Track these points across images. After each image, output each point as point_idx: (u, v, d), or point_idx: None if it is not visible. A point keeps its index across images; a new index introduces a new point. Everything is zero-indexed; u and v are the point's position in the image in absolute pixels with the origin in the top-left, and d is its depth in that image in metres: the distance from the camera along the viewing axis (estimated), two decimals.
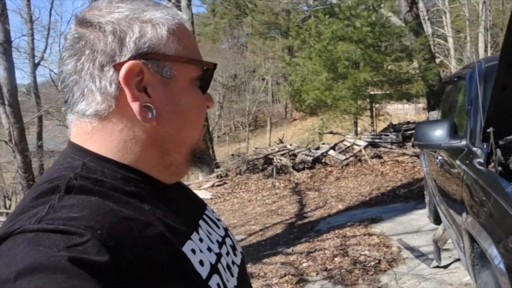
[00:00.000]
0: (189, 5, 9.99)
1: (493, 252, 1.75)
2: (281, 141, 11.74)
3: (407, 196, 7.03)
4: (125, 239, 0.57)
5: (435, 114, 5.06)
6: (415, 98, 11.34)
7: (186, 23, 0.73)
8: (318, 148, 10.14)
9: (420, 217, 5.68)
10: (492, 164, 2.20)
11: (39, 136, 18.83)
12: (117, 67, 0.64)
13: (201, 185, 10.05)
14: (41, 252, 0.50)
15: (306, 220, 6.73)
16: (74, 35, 0.66)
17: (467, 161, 2.54)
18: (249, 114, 29.53)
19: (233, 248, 0.82)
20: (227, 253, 0.78)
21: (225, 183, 9.96)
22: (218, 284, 0.68)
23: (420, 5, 17.92)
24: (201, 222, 0.77)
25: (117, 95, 0.65)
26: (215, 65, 0.73)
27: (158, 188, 0.70)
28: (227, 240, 0.82)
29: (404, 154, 9.30)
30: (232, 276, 0.75)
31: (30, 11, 18.35)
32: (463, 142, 2.69)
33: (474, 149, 2.54)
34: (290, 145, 10.89)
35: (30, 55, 19.10)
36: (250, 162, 10.14)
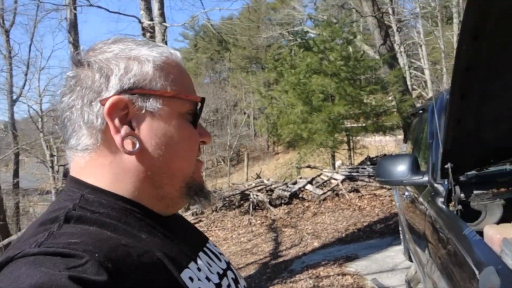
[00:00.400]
0: (163, 39, 9.95)
1: None
2: (258, 176, 11.54)
3: (384, 232, 6.84)
4: (123, 263, 0.58)
5: (405, 148, 4.95)
6: (392, 130, 11.34)
7: (178, 59, 0.76)
8: (295, 183, 9.95)
9: (395, 254, 5.49)
10: (453, 203, 2.04)
11: (16, 174, 18.35)
12: (103, 102, 0.67)
13: None
14: (42, 273, 0.51)
15: (280, 260, 6.47)
16: (69, 74, 0.70)
17: (429, 199, 2.38)
18: (230, 148, 29.33)
19: (236, 281, 0.82)
20: (228, 286, 0.78)
21: (200, 220, 9.66)
22: None
23: (396, 38, 18.29)
24: (201, 254, 0.78)
25: (103, 129, 0.68)
26: (202, 99, 0.74)
27: (155, 219, 0.71)
28: (229, 273, 0.82)
29: (382, 187, 9.16)
30: None
31: (9, 46, 18.23)
32: (425, 178, 2.54)
33: (436, 185, 2.39)
34: (267, 180, 10.69)
35: (8, 91, 18.82)
36: (227, 199, 9.88)
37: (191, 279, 0.68)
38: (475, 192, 2.04)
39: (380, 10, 11.50)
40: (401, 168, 2.63)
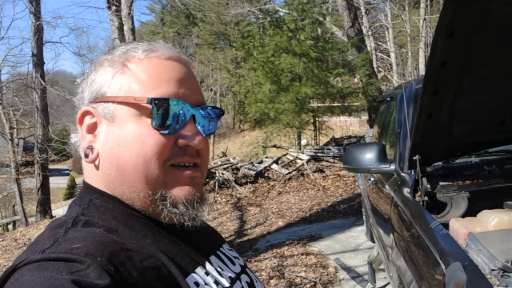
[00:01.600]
0: (129, 13, 9.64)
1: None
2: (224, 155, 11.50)
3: (347, 212, 7.01)
4: (125, 267, 0.59)
5: (371, 132, 5.03)
6: (357, 112, 11.49)
7: (155, 54, 0.72)
8: (261, 162, 10.00)
9: (358, 235, 5.64)
10: (419, 193, 2.09)
11: None
12: None
13: None
14: (46, 278, 0.53)
15: (245, 238, 6.54)
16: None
17: (396, 188, 2.43)
18: None
19: (250, 285, 0.80)
20: None
21: None
22: None
23: (364, 20, 18.39)
24: (212, 258, 0.77)
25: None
26: (151, 100, 0.69)
27: (161, 225, 0.71)
28: (243, 277, 0.80)
29: None
30: None
31: None
32: (392, 167, 2.58)
33: (403, 175, 2.44)
34: (233, 158, 10.69)
35: None
36: None
37: (196, 284, 0.67)
38: (441, 183, 2.09)
39: None
40: (368, 156, 2.67)
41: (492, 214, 1.67)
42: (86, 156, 0.71)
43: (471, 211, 1.82)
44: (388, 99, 3.68)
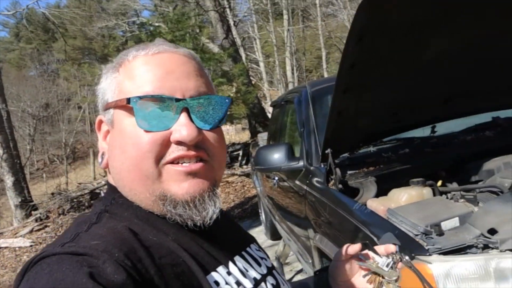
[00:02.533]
0: None
1: None
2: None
3: (242, 216, 7.24)
4: (142, 263, 0.59)
5: (265, 136, 5.32)
6: (239, 120, 11.87)
7: (148, 51, 0.72)
8: None
9: (257, 235, 5.87)
10: (332, 182, 2.34)
11: None
12: None
13: (17, 232, 8.77)
14: (63, 272, 0.53)
15: None
16: None
17: (307, 181, 2.66)
18: (66, 146, 27.23)
19: (276, 287, 0.80)
20: None
21: (46, 226, 8.88)
22: None
23: (234, 32, 19.07)
24: (237, 258, 0.77)
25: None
26: (129, 100, 0.69)
27: (184, 223, 0.70)
28: (269, 278, 0.80)
29: (233, 174, 9.60)
30: None
31: None
32: (301, 163, 2.82)
33: (312, 169, 2.68)
34: None
35: None
36: (75, 200, 9.29)
37: (216, 283, 0.67)
38: (349, 172, 2.36)
39: (221, 5, 11.89)
40: (278, 156, 2.88)
41: (401, 192, 1.96)
42: (101, 162, 0.76)
43: (380, 192, 2.11)
44: (283, 103, 3.96)
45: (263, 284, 0.77)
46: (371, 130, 2.39)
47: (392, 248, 1.00)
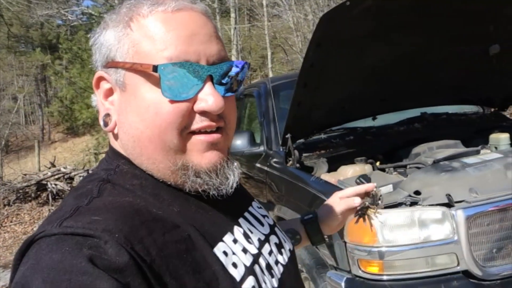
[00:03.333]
0: None
1: None
2: (53, 165, 10.92)
3: None
4: (144, 243, 0.56)
5: None
6: None
7: (166, 7, 0.64)
8: None
9: None
10: (290, 163, 2.79)
11: None
12: None
13: None
14: (63, 255, 0.51)
15: None
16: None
17: (268, 163, 3.10)
18: (1, 139, 26.02)
19: (279, 246, 0.78)
20: (270, 252, 0.75)
21: None
22: (253, 287, 0.65)
23: None
24: (241, 220, 0.74)
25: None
26: (157, 67, 0.61)
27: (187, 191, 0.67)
28: (272, 237, 0.78)
29: None
30: (273, 276, 0.72)
31: None
32: (261, 148, 3.25)
33: (272, 152, 3.12)
34: (65, 168, 10.25)
35: None
36: (20, 191, 9.15)
37: (225, 253, 0.65)
38: (304, 154, 2.82)
39: None
40: (240, 142, 3.28)
41: (348, 168, 2.45)
42: (106, 124, 0.68)
43: (330, 170, 2.58)
44: (241, 97, 4.38)
45: (267, 245, 0.75)
46: (323, 120, 2.87)
47: (371, 185, 1.09)
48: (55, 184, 9.15)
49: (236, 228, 0.71)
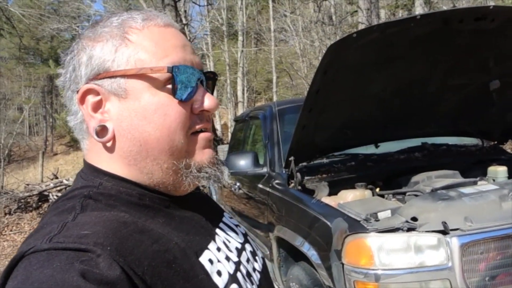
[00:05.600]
0: None
1: (307, 249, 2.34)
2: (56, 177, 11.00)
3: None
4: (135, 254, 0.57)
5: (225, 148, 5.78)
6: None
7: (157, 21, 0.70)
8: None
9: None
10: (292, 185, 2.86)
11: None
12: (77, 93, 0.68)
13: None
14: (55, 271, 0.51)
15: None
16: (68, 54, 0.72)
17: (270, 184, 3.17)
18: (6, 148, 26.16)
19: (253, 254, 0.82)
20: (247, 260, 0.78)
21: None
22: None
23: None
24: (218, 231, 0.77)
25: (83, 118, 0.69)
26: (172, 68, 0.67)
27: (171, 201, 0.71)
28: (247, 246, 0.81)
29: None
30: (252, 284, 0.75)
31: None
32: (265, 169, 3.33)
33: (274, 174, 3.19)
34: (67, 180, 10.33)
35: None
36: (22, 200, 9.21)
37: (210, 261, 0.67)
38: (306, 177, 2.89)
39: (181, 22, 12.33)
40: (244, 162, 3.36)
41: (348, 192, 2.52)
42: (98, 135, 0.68)
43: (331, 194, 2.65)
44: (247, 118, 4.48)
45: (244, 253, 0.78)
46: (326, 145, 2.95)
47: None
48: (57, 196, 9.19)
49: (217, 237, 0.74)
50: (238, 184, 4.08)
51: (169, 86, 0.67)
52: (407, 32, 2.20)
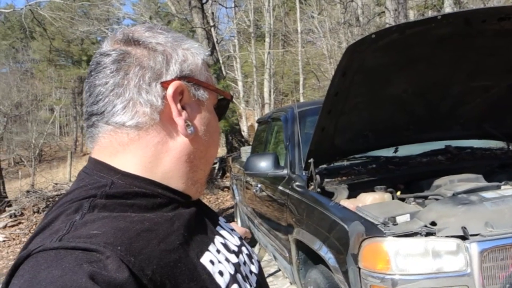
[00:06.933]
0: None
1: (325, 253, 2.32)
2: None
3: None
4: (144, 253, 0.58)
5: (248, 149, 5.80)
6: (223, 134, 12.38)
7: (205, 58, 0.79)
8: None
9: None
10: (311, 187, 2.84)
11: None
12: (165, 85, 0.69)
13: None
14: (64, 271, 0.50)
15: None
16: (119, 51, 0.69)
17: (290, 186, 3.16)
18: (36, 147, 26.89)
19: (249, 257, 0.84)
20: (244, 263, 0.80)
21: (20, 223, 9.03)
22: None
23: (217, 50, 19.62)
24: (216, 233, 0.79)
25: (162, 109, 0.69)
26: (231, 97, 0.84)
27: (183, 202, 0.73)
28: (243, 249, 0.83)
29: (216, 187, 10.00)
30: (250, 286, 0.77)
31: None
32: (285, 171, 3.32)
33: (295, 176, 3.18)
34: None
35: None
36: (50, 199, 9.46)
37: (212, 262, 0.69)
38: (326, 180, 2.87)
39: (208, 24, 12.45)
40: (265, 164, 3.37)
41: (367, 195, 2.48)
42: (185, 130, 0.71)
43: (350, 197, 2.62)
44: (269, 120, 4.48)
45: (241, 255, 0.80)
46: (346, 147, 2.92)
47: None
48: None
49: (216, 239, 0.76)
50: (259, 185, 4.09)
51: (215, 109, 0.79)
52: (428, 32, 2.16)
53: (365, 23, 14.48)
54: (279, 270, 4.46)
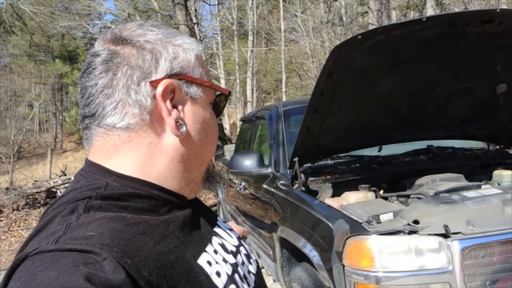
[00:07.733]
0: None
1: (309, 251, 2.34)
2: (64, 173, 11.08)
3: None
4: (141, 255, 0.58)
5: (232, 147, 5.80)
6: None
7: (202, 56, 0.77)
8: None
9: None
10: (296, 186, 2.86)
11: None
12: (154, 84, 0.67)
13: None
14: (60, 273, 0.50)
15: None
16: (108, 51, 0.68)
17: (274, 185, 3.17)
18: (15, 144, 26.38)
19: (248, 257, 0.84)
20: (242, 263, 0.79)
21: None
22: None
23: None
24: (214, 234, 0.78)
25: (151, 109, 0.68)
26: (229, 92, 0.81)
27: (178, 203, 0.72)
28: (241, 249, 0.83)
29: None
30: (249, 285, 0.77)
31: None
32: (269, 170, 3.34)
33: (279, 174, 3.20)
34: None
35: None
36: (30, 196, 9.30)
37: (209, 263, 0.68)
38: (310, 178, 2.90)
39: (192, 21, 12.38)
40: (249, 162, 3.37)
41: (352, 194, 2.51)
42: (176, 130, 0.70)
43: (334, 195, 2.65)
44: (253, 118, 4.48)
45: (239, 256, 0.79)
46: (330, 146, 2.95)
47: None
48: None
49: (213, 239, 0.75)
50: (243, 184, 4.09)
51: (212, 106, 0.77)
52: (413, 34, 2.19)
53: (348, 22, 14.58)
54: (262, 267, 4.48)
